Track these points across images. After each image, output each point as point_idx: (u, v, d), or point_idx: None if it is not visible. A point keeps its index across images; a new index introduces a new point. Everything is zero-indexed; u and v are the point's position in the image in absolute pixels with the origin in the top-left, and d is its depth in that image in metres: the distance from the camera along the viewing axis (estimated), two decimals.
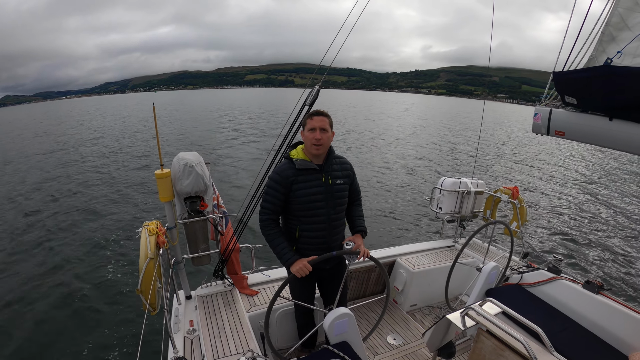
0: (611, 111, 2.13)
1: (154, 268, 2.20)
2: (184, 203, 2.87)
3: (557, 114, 2.44)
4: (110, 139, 25.34)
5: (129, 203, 11.00)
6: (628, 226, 10.18)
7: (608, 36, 2.32)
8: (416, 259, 3.94)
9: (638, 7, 2.23)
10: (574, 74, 2.22)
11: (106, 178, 14.05)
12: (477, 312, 2.19)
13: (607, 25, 2.31)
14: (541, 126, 2.54)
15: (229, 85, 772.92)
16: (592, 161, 21.57)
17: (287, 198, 2.32)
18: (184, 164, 2.71)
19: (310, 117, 2.30)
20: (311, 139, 2.26)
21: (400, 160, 18.07)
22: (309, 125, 2.28)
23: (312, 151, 2.29)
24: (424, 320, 3.73)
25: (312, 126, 2.26)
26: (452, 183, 4.20)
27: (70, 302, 5.81)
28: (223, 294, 3.12)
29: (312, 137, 2.25)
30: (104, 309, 5.61)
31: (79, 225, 9.22)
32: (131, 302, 5.68)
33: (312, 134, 2.25)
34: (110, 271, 6.79)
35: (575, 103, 2.29)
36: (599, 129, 2.22)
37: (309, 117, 2.31)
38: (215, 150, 19.76)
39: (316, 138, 2.24)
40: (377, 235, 8.33)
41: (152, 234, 2.33)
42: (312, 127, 2.26)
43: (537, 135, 2.65)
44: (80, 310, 5.62)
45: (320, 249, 2.36)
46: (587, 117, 2.27)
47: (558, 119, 2.44)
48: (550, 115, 2.46)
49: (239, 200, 10.15)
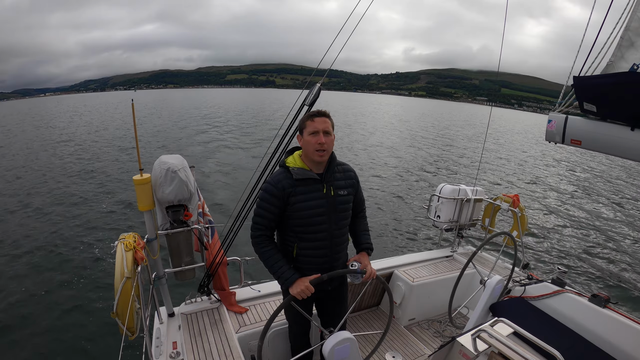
0: (634, 120, 2.00)
1: (131, 288, 1.95)
2: (165, 212, 2.59)
3: (574, 121, 2.30)
4: (84, 140, 23.44)
5: (103, 212, 9.89)
6: (632, 235, 10.05)
7: (627, 41, 2.19)
8: (415, 271, 3.77)
9: None
10: (597, 80, 2.08)
11: (78, 183, 12.81)
12: (489, 334, 2.07)
13: (627, 30, 2.18)
14: (555, 134, 2.39)
15: (210, 85, 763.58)
16: (593, 167, 21.89)
17: (283, 212, 2.04)
18: (165, 168, 2.43)
19: (310, 118, 2.00)
20: (314, 143, 1.96)
21: (390, 164, 17.88)
22: (309, 128, 1.98)
23: (314, 158, 2.00)
24: (424, 335, 3.56)
25: (315, 129, 1.96)
26: (452, 190, 4.06)
27: (38, 328, 5.11)
28: (209, 311, 2.88)
29: (314, 142, 1.96)
30: (76, 334, 4.99)
31: (46, 238, 8.10)
32: (107, 326, 5.06)
33: (315, 137, 1.96)
34: (82, 291, 6.06)
35: (594, 110, 2.15)
36: (619, 139, 2.09)
37: (308, 119, 2.01)
38: (200, 152, 18.73)
39: (320, 142, 1.95)
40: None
41: (129, 249, 2.06)
42: (314, 130, 1.96)
43: (550, 142, 2.50)
44: (51, 337, 4.95)
45: (322, 269, 2.08)
46: (607, 126, 2.14)
47: (575, 126, 2.30)
48: (566, 122, 2.32)
49: (227, 208, 9.86)
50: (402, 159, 19.21)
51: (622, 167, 22.07)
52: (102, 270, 6.72)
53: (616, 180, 18.26)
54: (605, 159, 24.52)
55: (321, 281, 1.95)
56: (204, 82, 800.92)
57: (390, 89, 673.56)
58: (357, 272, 2.04)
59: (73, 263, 7.03)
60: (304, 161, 2.08)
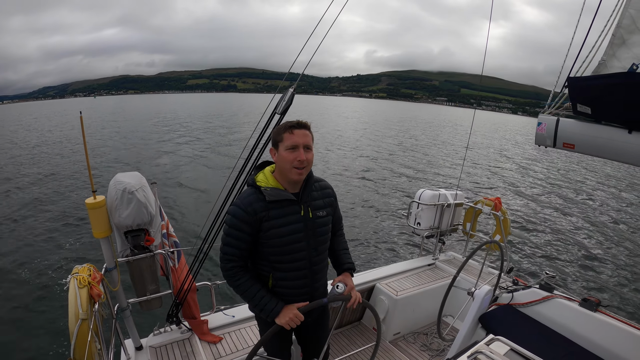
0: (632, 123, 1.89)
1: (88, 330, 1.69)
2: (124, 238, 2.30)
3: (566, 124, 2.18)
4: (28, 155, 19.97)
5: (52, 242, 8.38)
6: (617, 236, 10.08)
7: (619, 39, 2.09)
8: (397, 283, 3.60)
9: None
10: (593, 81, 1.96)
11: (16, 208, 10.68)
12: (486, 356, 1.91)
13: (618, 28, 2.08)
14: (546, 137, 2.26)
15: (171, 90, 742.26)
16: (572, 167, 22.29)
17: (255, 239, 1.76)
18: (121, 189, 2.14)
19: (289, 130, 1.69)
20: (292, 160, 1.68)
21: (362, 168, 17.58)
22: (288, 141, 1.68)
23: (292, 177, 1.72)
24: (410, 350, 3.39)
25: (294, 143, 1.67)
26: (432, 196, 3.91)
27: None
28: (180, 342, 2.62)
29: (293, 158, 1.68)
30: None
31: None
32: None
33: (294, 153, 1.67)
34: (33, 339, 5.08)
35: (589, 112, 2.03)
36: (616, 142, 1.97)
37: (286, 131, 1.70)
38: (163, 166, 16.98)
39: (300, 160, 1.68)
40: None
41: (83, 286, 1.79)
42: (293, 145, 1.67)
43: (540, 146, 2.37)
44: None
45: (301, 300, 1.84)
46: (603, 129, 2.03)
47: (567, 129, 2.17)
48: (558, 125, 2.20)
49: (194, 227, 9.02)
50: (371, 165, 18.95)
51: (602, 167, 22.60)
52: (54, 311, 5.71)
53: (585, 179, 18.68)
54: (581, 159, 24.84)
55: (311, 308, 1.74)
56: (165, 88, 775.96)
57: (352, 91, 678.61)
58: (343, 299, 1.82)
59: (19, 306, 5.92)
60: (277, 179, 1.80)
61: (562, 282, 7.20)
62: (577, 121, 2.15)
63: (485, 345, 2.02)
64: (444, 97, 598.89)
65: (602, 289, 7.11)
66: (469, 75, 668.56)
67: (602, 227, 11.05)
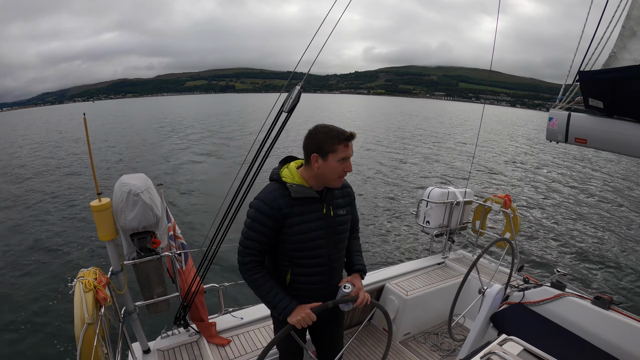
0: None
1: (94, 335, 1.68)
2: (130, 240, 2.28)
3: (578, 118, 2.14)
4: (32, 159, 20.43)
5: (57, 245, 8.35)
6: (629, 233, 9.89)
7: (629, 31, 2.05)
8: (407, 283, 3.57)
9: None
10: (605, 74, 1.93)
11: (22, 212, 10.85)
12: (500, 357, 1.89)
13: (628, 19, 2.04)
14: (558, 132, 2.23)
15: (169, 93, 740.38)
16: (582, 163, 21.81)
17: (277, 235, 1.78)
18: (127, 191, 2.12)
19: (344, 143, 1.72)
20: (341, 171, 1.76)
21: (367, 167, 17.44)
22: (341, 153, 1.72)
23: (335, 184, 1.81)
24: (420, 350, 3.36)
25: (347, 155, 1.74)
26: (441, 194, 3.87)
27: None
28: (188, 345, 2.60)
29: (342, 169, 1.76)
30: None
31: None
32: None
33: (344, 164, 1.75)
34: (39, 344, 5.05)
35: (601, 107, 2.00)
36: (630, 137, 1.93)
37: (341, 143, 1.72)
38: (168, 167, 17.08)
39: (348, 171, 1.78)
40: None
41: (89, 290, 1.77)
42: (346, 157, 1.74)
43: (552, 141, 2.33)
44: None
45: (318, 296, 1.85)
46: (616, 123, 1.99)
47: (579, 124, 2.14)
48: (569, 120, 2.16)
49: (201, 228, 8.97)
50: (379, 163, 18.85)
51: (606, 161, 22.24)
52: (60, 315, 5.69)
53: (601, 174, 18.24)
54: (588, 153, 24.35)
55: (325, 309, 1.72)
56: (163, 90, 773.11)
57: (350, 88, 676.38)
58: (350, 300, 1.81)
59: (25, 311, 5.87)
60: (302, 176, 1.82)
61: (574, 280, 7.09)
62: (589, 115, 2.12)
63: (498, 345, 1.99)
64: (442, 91, 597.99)
65: (615, 287, 7.01)
66: (467, 69, 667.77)
67: (613, 224, 10.85)
